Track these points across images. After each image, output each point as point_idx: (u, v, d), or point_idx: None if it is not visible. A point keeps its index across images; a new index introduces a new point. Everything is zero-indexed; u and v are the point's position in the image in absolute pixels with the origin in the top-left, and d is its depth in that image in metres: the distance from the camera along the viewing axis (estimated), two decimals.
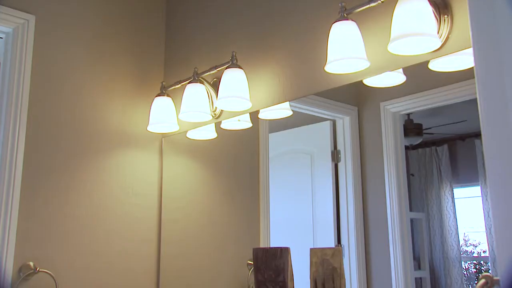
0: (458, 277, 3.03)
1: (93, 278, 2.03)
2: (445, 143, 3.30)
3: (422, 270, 2.11)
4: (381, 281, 1.75)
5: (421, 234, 2.32)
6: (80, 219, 2.05)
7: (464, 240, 3.10)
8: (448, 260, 3.04)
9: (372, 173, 1.82)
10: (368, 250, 1.79)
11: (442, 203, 3.18)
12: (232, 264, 2.20)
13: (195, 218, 2.31)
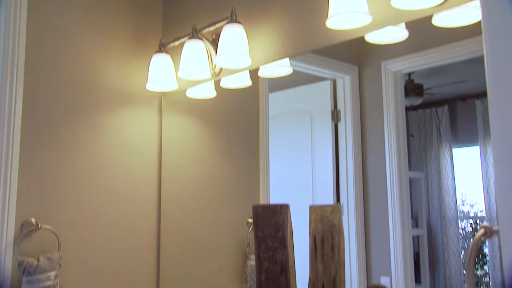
0: (454, 235, 3.08)
1: (94, 236, 2.06)
2: (445, 104, 3.29)
3: (419, 228, 2.13)
4: (379, 238, 1.78)
5: (420, 193, 2.34)
6: (80, 176, 2.05)
7: (461, 200, 3.13)
8: (445, 219, 3.08)
9: (372, 133, 1.82)
10: (367, 208, 1.80)
11: (441, 164, 3.20)
12: (232, 222, 2.23)
13: (195, 176, 2.32)
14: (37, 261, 1.81)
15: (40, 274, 1.79)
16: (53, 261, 1.85)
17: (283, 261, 1.54)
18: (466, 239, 3.26)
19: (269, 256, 1.58)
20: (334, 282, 1.59)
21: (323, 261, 1.64)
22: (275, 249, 1.57)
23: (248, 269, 2.09)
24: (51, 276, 1.82)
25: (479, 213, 3.04)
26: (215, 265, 2.20)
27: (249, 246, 2.10)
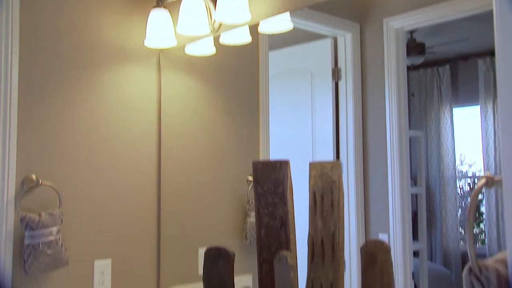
0: (452, 194, 3.11)
1: (94, 193, 2.07)
2: (447, 63, 3.26)
3: (418, 187, 2.14)
4: (378, 195, 1.79)
5: (419, 152, 2.34)
6: (79, 134, 2.05)
7: (460, 160, 3.15)
8: (443, 178, 3.11)
9: (373, 91, 1.81)
10: (366, 166, 1.81)
11: (441, 123, 3.20)
12: (232, 179, 2.24)
13: (195, 134, 2.32)
14: (39, 216, 1.83)
15: (42, 229, 1.81)
16: (55, 217, 1.86)
17: (283, 217, 1.56)
18: (464, 199, 3.30)
19: (269, 212, 1.59)
20: (333, 237, 1.61)
21: (323, 217, 1.65)
22: (275, 205, 1.58)
23: (248, 226, 2.11)
24: (53, 231, 1.84)
25: (477, 173, 3.06)
26: (215, 222, 2.22)
27: (249, 203, 2.12)
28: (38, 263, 1.80)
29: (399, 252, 1.71)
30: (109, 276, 2.07)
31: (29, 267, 1.79)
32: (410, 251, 1.78)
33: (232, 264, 1.57)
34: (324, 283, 1.63)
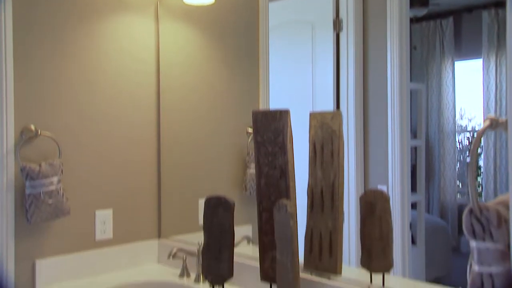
0: (451, 148, 3.11)
1: (94, 143, 2.07)
2: (450, 16, 3.18)
3: (418, 139, 2.15)
4: (378, 147, 1.79)
5: (420, 105, 2.33)
6: (77, 84, 2.03)
7: (460, 114, 3.13)
8: (443, 132, 3.10)
9: (375, 43, 1.78)
10: (367, 118, 1.80)
11: (442, 77, 3.16)
12: (232, 131, 2.23)
13: (194, 85, 2.30)
14: (39, 166, 1.83)
15: (42, 179, 1.82)
16: (55, 167, 1.87)
17: (283, 166, 1.56)
18: (462, 153, 3.30)
19: (269, 162, 1.60)
20: (333, 187, 1.62)
21: (322, 167, 1.66)
22: (274, 154, 1.58)
23: (247, 177, 2.12)
24: (53, 181, 1.85)
25: (477, 127, 3.04)
26: (215, 174, 2.24)
27: (248, 155, 2.13)
28: (40, 212, 1.82)
29: (398, 204, 1.73)
30: (110, 226, 2.10)
31: (31, 216, 1.81)
32: (408, 202, 1.80)
33: (232, 213, 1.59)
34: (323, 232, 1.65)
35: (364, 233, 1.57)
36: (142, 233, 2.21)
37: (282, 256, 1.42)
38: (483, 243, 0.71)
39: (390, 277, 1.55)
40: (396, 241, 1.60)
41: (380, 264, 1.54)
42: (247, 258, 1.85)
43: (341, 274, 1.60)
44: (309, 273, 1.65)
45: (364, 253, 1.57)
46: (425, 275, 1.76)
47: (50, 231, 1.94)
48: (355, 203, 1.75)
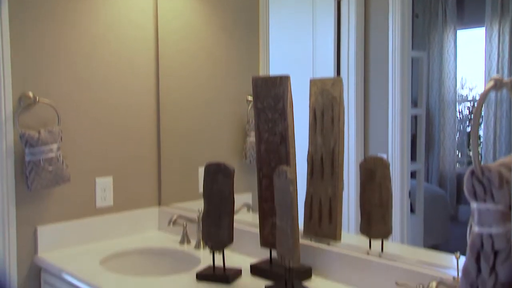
0: (451, 118, 3.10)
1: (94, 111, 2.06)
2: None
3: (418, 108, 2.14)
4: (378, 115, 1.78)
5: (421, 74, 2.31)
6: (75, 51, 2.00)
7: (461, 83, 3.11)
8: (443, 102, 3.09)
9: (376, 11, 1.75)
10: (367, 85, 1.79)
11: (444, 46, 3.13)
12: (232, 99, 2.22)
13: (193, 52, 2.27)
14: (38, 133, 1.82)
15: (42, 146, 1.81)
16: (54, 134, 1.86)
17: (283, 132, 1.55)
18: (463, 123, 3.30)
19: (269, 128, 1.59)
20: (333, 153, 1.62)
21: (323, 133, 1.65)
22: (274, 121, 1.57)
23: (247, 146, 2.12)
24: (53, 148, 1.84)
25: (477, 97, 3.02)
26: (215, 141, 2.23)
27: (248, 123, 2.12)
28: (40, 179, 1.82)
29: (397, 172, 1.73)
30: (111, 193, 2.10)
31: (31, 183, 1.81)
32: (408, 171, 1.80)
33: (232, 179, 1.59)
34: (323, 198, 1.66)
35: (364, 200, 1.58)
36: (142, 200, 2.22)
37: (282, 222, 1.43)
38: (484, 204, 0.71)
39: (389, 243, 1.56)
40: (395, 209, 1.60)
41: (380, 230, 1.55)
42: (247, 225, 1.87)
43: (340, 241, 1.61)
44: (308, 239, 1.67)
45: (363, 219, 1.58)
46: (423, 243, 1.78)
47: (51, 198, 1.95)
48: (355, 171, 1.75)
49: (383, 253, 1.50)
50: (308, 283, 1.55)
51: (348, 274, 1.53)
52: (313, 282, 1.57)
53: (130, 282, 1.61)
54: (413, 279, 1.36)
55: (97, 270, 1.73)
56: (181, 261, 1.91)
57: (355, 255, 1.52)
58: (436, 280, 1.20)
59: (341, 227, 1.64)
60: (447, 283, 1.22)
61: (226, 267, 1.63)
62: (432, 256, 1.48)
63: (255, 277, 1.63)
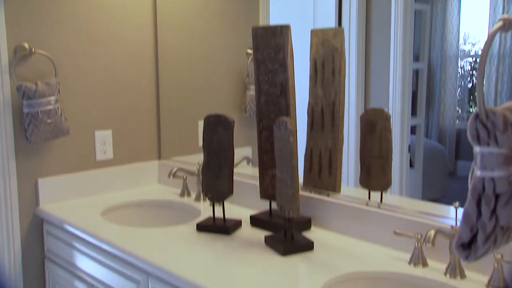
0: (453, 74, 3.07)
1: (92, 64, 2.03)
2: None
3: (420, 62, 2.11)
4: (379, 69, 1.76)
5: (423, 27, 2.27)
6: (72, 1, 1.95)
7: (463, 39, 3.06)
8: (445, 57, 3.04)
9: None
10: (369, 37, 1.76)
11: (448, 0, 3.05)
12: (231, 52, 2.19)
13: (192, 3, 2.22)
14: (35, 85, 1.80)
15: (39, 98, 1.80)
16: (52, 86, 1.84)
17: (283, 83, 1.53)
18: (464, 79, 3.26)
19: (269, 79, 1.57)
20: (334, 105, 1.61)
21: (323, 85, 1.63)
22: (275, 71, 1.54)
23: (247, 99, 2.10)
24: (51, 100, 1.82)
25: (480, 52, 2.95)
26: (214, 95, 2.21)
27: (248, 76, 2.09)
28: (39, 132, 1.81)
29: (397, 126, 1.72)
30: (110, 146, 2.10)
31: (30, 135, 1.80)
32: (408, 125, 1.80)
33: (232, 131, 1.58)
34: (323, 151, 1.65)
35: (364, 152, 1.58)
36: (142, 154, 2.22)
37: (282, 173, 1.43)
38: (487, 148, 0.71)
39: (388, 196, 1.57)
40: (395, 164, 1.60)
41: (379, 182, 1.56)
42: (246, 177, 1.87)
43: (340, 192, 1.62)
44: (308, 191, 1.68)
45: (363, 171, 1.58)
46: (422, 197, 1.79)
47: (50, 151, 1.94)
48: (355, 124, 1.74)
49: (382, 204, 1.51)
50: (307, 234, 1.57)
51: (347, 225, 1.55)
52: (312, 232, 1.58)
53: (131, 232, 1.62)
54: (411, 229, 1.37)
55: (98, 221, 1.75)
56: (181, 213, 1.93)
57: (355, 206, 1.53)
58: (434, 229, 1.21)
59: (340, 179, 1.65)
60: (445, 232, 1.23)
61: (226, 218, 1.65)
62: (430, 207, 1.49)
63: (255, 228, 1.65)
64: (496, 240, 0.74)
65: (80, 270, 1.72)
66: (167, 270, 1.32)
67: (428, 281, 1.23)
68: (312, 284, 1.20)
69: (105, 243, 1.55)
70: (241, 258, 1.38)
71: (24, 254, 1.89)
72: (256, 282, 1.23)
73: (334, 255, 1.39)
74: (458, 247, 0.76)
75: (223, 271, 1.29)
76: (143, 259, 1.40)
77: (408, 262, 1.32)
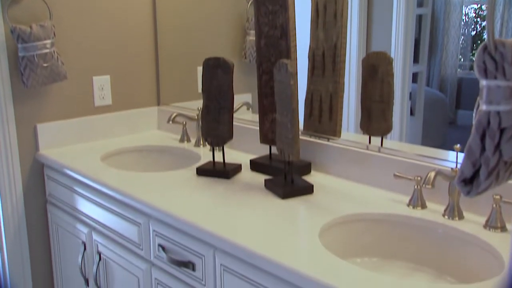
0: (456, 21, 3.01)
1: (88, 6, 1.97)
2: None
3: (424, 7, 2.05)
4: (382, 11, 1.72)
5: None
6: None
7: None
8: (450, 3, 2.97)
9: None
10: None
11: None
12: None
13: None
14: (30, 28, 1.76)
15: (35, 42, 1.76)
16: (47, 29, 1.80)
17: (284, 25, 1.49)
18: (468, 26, 3.20)
19: (269, 21, 1.53)
20: (335, 48, 1.58)
21: (325, 28, 1.59)
22: (275, 13, 1.50)
23: (247, 45, 2.06)
24: (46, 44, 1.79)
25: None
26: (214, 40, 2.17)
27: (248, 21, 2.04)
28: (35, 76, 1.78)
29: (399, 73, 1.70)
30: (109, 92, 2.07)
31: (27, 80, 1.78)
32: (410, 72, 1.77)
33: (231, 74, 1.55)
34: (323, 95, 1.64)
35: (365, 96, 1.56)
36: (141, 100, 2.20)
37: (282, 117, 1.42)
38: (494, 81, 0.69)
39: (388, 141, 1.57)
40: (395, 111, 1.59)
41: (380, 126, 1.55)
42: (246, 122, 1.86)
43: (340, 137, 1.62)
44: (308, 136, 1.67)
45: (363, 115, 1.57)
46: (421, 145, 1.79)
47: (48, 96, 1.92)
48: (356, 69, 1.71)
49: (382, 148, 1.51)
50: (307, 178, 1.57)
51: (347, 169, 1.55)
52: (312, 176, 1.59)
53: (131, 176, 1.63)
54: (411, 172, 1.38)
55: (98, 165, 1.75)
56: (181, 158, 1.93)
57: (355, 150, 1.53)
58: (434, 170, 1.21)
59: (341, 124, 1.63)
60: (446, 174, 1.23)
61: (226, 163, 1.65)
62: (431, 151, 1.49)
63: (255, 172, 1.65)
64: (499, 175, 0.73)
65: (82, 214, 1.74)
66: (167, 212, 1.33)
67: (426, 222, 1.24)
68: (312, 226, 1.21)
69: (106, 187, 1.56)
70: (241, 201, 1.39)
71: (26, 198, 1.91)
72: (255, 223, 1.24)
73: (334, 198, 1.40)
74: (459, 182, 0.76)
75: (223, 214, 1.30)
76: (144, 201, 1.41)
77: (407, 204, 1.33)
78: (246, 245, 1.12)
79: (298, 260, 1.05)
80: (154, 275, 1.45)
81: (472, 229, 1.18)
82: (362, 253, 1.28)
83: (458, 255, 1.19)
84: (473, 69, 0.72)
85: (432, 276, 1.21)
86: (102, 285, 1.69)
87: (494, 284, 0.96)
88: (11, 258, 1.88)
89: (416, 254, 1.25)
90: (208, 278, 1.25)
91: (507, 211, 1.18)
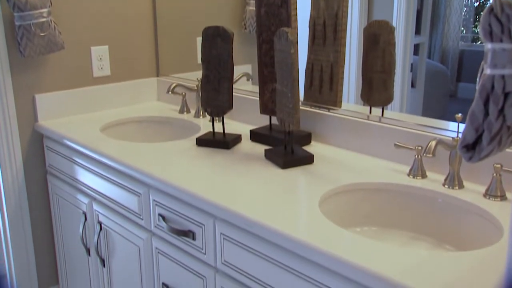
0: (458, 7, 2.96)
1: None
2: None
3: None
4: None
5: None
6: None
7: None
8: None
9: None
10: None
11: None
12: None
13: None
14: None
15: (31, 10, 1.73)
16: None
17: None
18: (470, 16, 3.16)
19: None
20: (336, 17, 1.55)
21: None
22: None
23: (247, 15, 2.03)
24: (43, 12, 1.76)
25: None
26: (213, 10, 2.13)
27: None
28: (32, 45, 1.76)
29: (400, 44, 1.67)
30: (107, 63, 2.05)
31: (24, 49, 1.75)
32: (412, 43, 1.75)
33: (231, 43, 1.53)
34: (324, 65, 1.62)
35: (366, 66, 1.54)
36: (140, 71, 2.18)
37: (282, 86, 1.41)
38: (500, 44, 0.68)
39: (388, 112, 1.56)
40: (396, 83, 1.58)
41: (381, 96, 1.54)
42: (246, 93, 1.85)
43: (340, 107, 1.60)
44: (308, 106, 1.66)
45: (364, 85, 1.56)
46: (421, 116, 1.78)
47: (46, 67, 1.90)
48: (357, 39, 1.69)
49: (383, 117, 1.50)
50: (307, 148, 1.57)
51: (347, 139, 1.55)
52: (312, 146, 1.59)
53: (130, 147, 1.62)
54: (412, 142, 1.37)
55: (98, 136, 1.74)
56: (180, 129, 1.93)
57: (355, 120, 1.52)
58: (435, 139, 1.21)
59: (341, 94, 1.62)
60: (447, 143, 1.23)
61: (225, 133, 1.64)
62: (431, 121, 1.48)
63: (255, 142, 1.65)
64: (501, 140, 0.73)
65: (82, 184, 1.74)
66: (167, 182, 1.33)
67: (426, 191, 1.25)
68: (312, 195, 1.22)
69: (105, 157, 1.56)
70: (241, 171, 1.39)
71: (26, 169, 1.91)
72: (255, 192, 1.24)
73: (334, 168, 1.40)
74: (462, 148, 0.75)
75: (223, 183, 1.30)
76: (144, 171, 1.41)
77: (407, 174, 1.33)
78: (246, 214, 1.12)
79: (298, 228, 1.05)
80: (154, 244, 1.46)
81: (472, 198, 1.18)
82: (362, 222, 1.29)
83: (458, 224, 1.19)
84: (475, 41, 0.70)
85: (431, 244, 1.22)
86: (103, 255, 1.71)
87: (492, 252, 0.96)
88: (12, 229, 1.89)
89: (415, 223, 1.26)
90: (208, 247, 1.26)
91: (507, 180, 1.18)
